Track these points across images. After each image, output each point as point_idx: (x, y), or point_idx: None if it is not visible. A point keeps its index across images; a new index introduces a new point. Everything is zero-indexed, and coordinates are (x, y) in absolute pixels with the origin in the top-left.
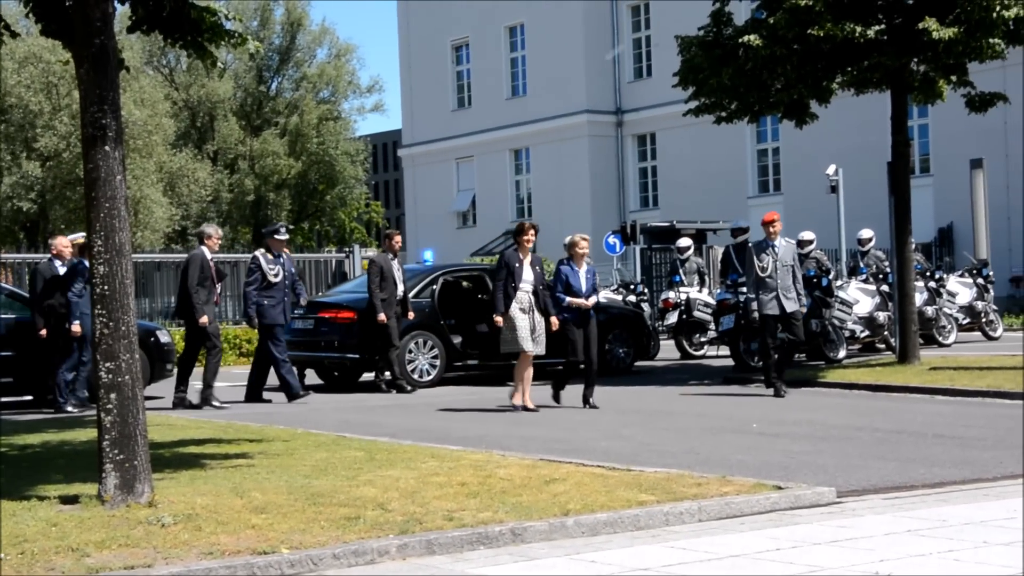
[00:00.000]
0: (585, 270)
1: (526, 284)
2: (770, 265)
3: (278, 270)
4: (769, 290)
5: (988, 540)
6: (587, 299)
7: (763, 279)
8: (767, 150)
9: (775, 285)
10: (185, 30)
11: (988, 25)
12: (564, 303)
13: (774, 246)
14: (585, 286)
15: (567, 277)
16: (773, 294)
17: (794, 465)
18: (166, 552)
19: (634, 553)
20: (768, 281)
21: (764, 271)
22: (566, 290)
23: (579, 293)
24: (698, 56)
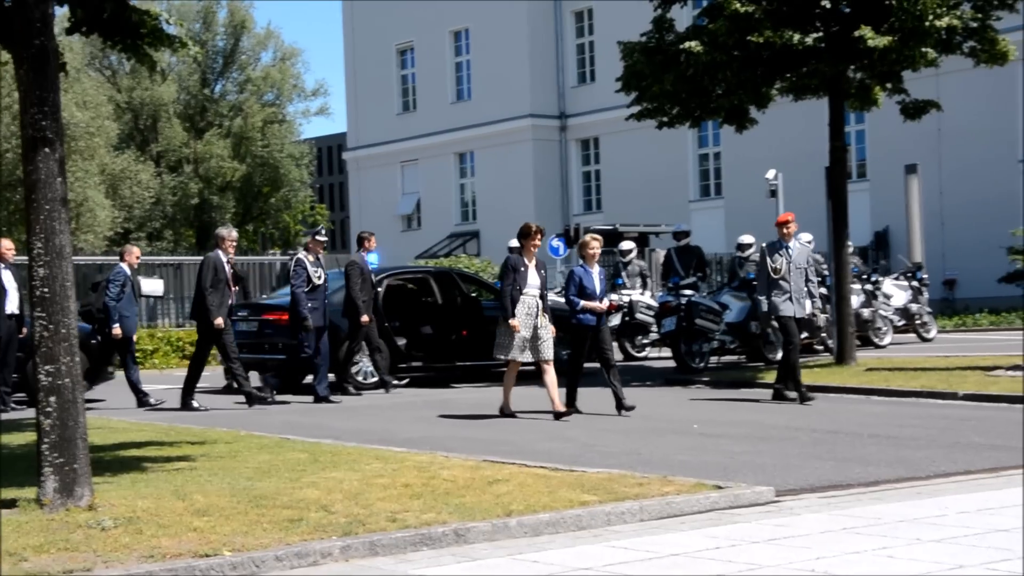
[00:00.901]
0: (598, 271)
1: (532, 288)
2: (783, 267)
3: (320, 272)
4: (783, 292)
5: (921, 537)
6: (600, 301)
7: (776, 281)
8: (708, 155)
9: (789, 288)
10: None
11: (921, 34)
12: (578, 306)
13: (788, 247)
14: (599, 288)
15: (581, 279)
16: (787, 296)
17: (734, 465)
18: (106, 556)
19: (576, 553)
20: (782, 283)
21: (777, 272)
22: (579, 292)
23: (593, 295)
24: (640, 62)
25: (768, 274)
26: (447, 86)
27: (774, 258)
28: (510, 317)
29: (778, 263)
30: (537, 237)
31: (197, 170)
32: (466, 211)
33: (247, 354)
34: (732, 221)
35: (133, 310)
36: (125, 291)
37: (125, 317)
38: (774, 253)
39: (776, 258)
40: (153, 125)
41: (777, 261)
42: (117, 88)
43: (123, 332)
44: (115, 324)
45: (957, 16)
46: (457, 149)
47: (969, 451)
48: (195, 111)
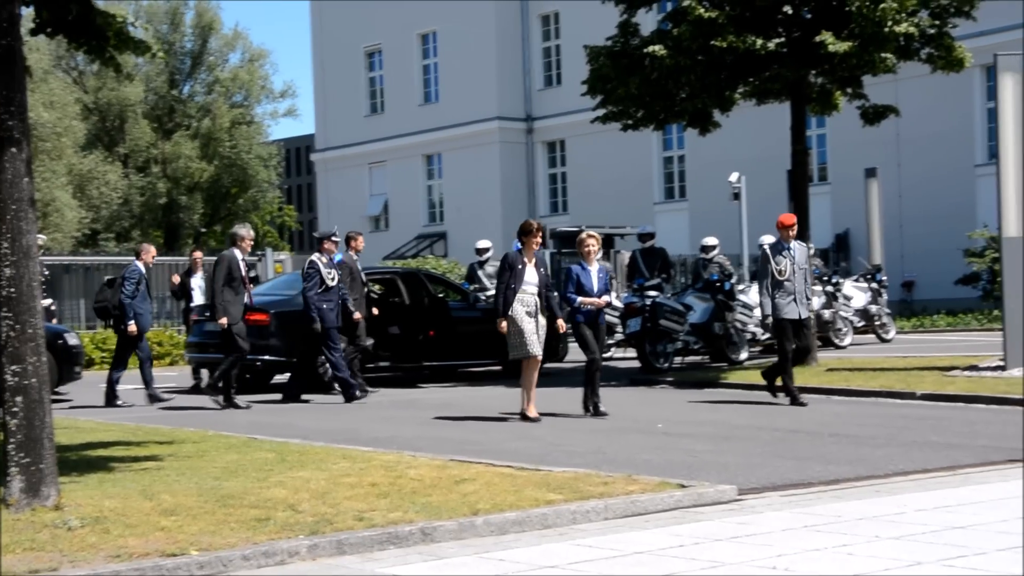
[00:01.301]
0: (596, 269)
1: (531, 286)
2: (787, 268)
3: (334, 273)
4: (787, 293)
5: (880, 535)
6: (599, 298)
7: (781, 282)
8: (673, 157)
9: (792, 289)
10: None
11: (880, 40)
12: (575, 304)
13: (790, 248)
14: (597, 285)
15: (578, 276)
16: (791, 297)
17: (697, 464)
18: (72, 555)
19: (542, 551)
20: (786, 284)
21: (782, 274)
22: (577, 290)
23: (591, 292)
24: (606, 65)
25: (772, 276)
26: (415, 88)
27: (777, 259)
28: (501, 316)
29: (782, 264)
30: (538, 235)
31: (165, 171)
32: (433, 212)
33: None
34: (696, 223)
35: (147, 307)
36: (140, 288)
37: (139, 314)
38: (777, 254)
39: (779, 259)
40: (120, 126)
41: (781, 263)
42: (84, 89)
43: (138, 328)
44: (131, 321)
45: (915, 23)
46: (425, 151)
47: (927, 450)
48: (163, 112)
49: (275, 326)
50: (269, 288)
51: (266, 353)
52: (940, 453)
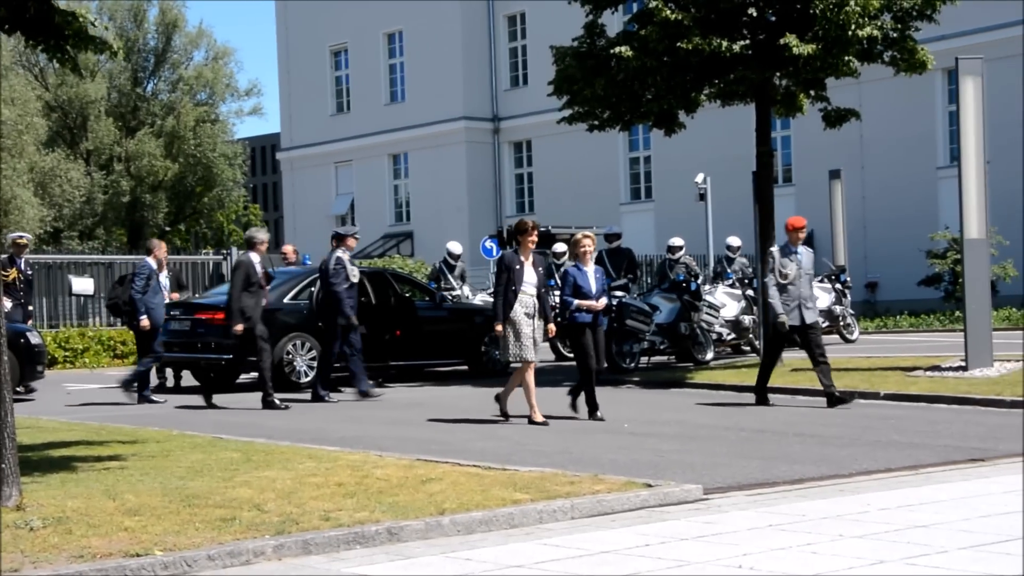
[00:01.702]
0: (593, 270)
1: (529, 287)
2: (793, 272)
3: (356, 271)
4: (791, 298)
5: (844, 533)
6: (597, 300)
7: (785, 286)
8: (639, 158)
9: (797, 294)
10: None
11: (844, 43)
12: (572, 306)
13: (797, 252)
14: (595, 287)
15: (575, 278)
16: (795, 303)
17: (663, 464)
18: (34, 556)
19: (508, 550)
20: (791, 289)
21: (787, 278)
22: (574, 292)
23: (588, 294)
24: (572, 66)
25: (777, 280)
26: (381, 88)
27: (784, 263)
28: (499, 320)
29: (788, 268)
30: (534, 233)
31: (129, 169)
32: (400, 212)
33: (180, 353)
34: (662, 223)
35: (159, 301)
36: (151, 284)
37: (151, 308)
38: (785, 258)
39: (787, 263)
40: (83, 123)
41: (788, 267)
42: (45, 86)
43: (151, 323)
44: (142, 316)
45: (878, 26)
46: (391, 150)
47: (890, 449)
48: (127, 110)
49: None
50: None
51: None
52: (903, 453)
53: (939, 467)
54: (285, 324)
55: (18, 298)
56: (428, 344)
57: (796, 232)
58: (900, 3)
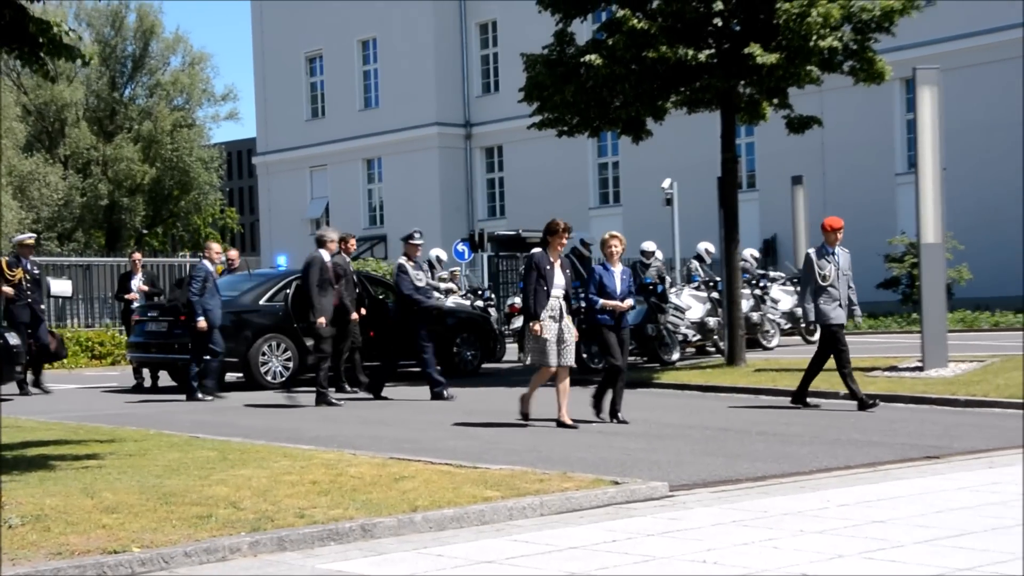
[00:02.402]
0: (620, 270)
1: (557, 289)
2: (832, 273)
3: (420, 275)
4: (832, 299)
5: (804, 529)
6: (622, 301)
7: (825, 287)
8: (607, 163)
9: (837, 295)
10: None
11: (806, 53)
12: (597, 306)
13: (834, 253)
14: (620, 287)
15: (601, 278)
16: (836, 303)
17: (630, 461)
18: (13, 553)
19: (479, 547)
20: (831, 290)
21: (826, 279)
22: (599, 291)
23: (613, 294)
24: (542, 73)
25: (816, 281)
26: (355, 94)
27: (822, 264)
28: (533, 320)
29: (827, 269)
30: (564, 235)
31: (106, 172)
32: (374, 215)
33: (157, 354)
34: (630, 227)
35: (216, 303)
36: (207, 286)
37: (208, 310)
38: (822, 259)
39: (824, 264)
40: (61, 128)
41: (826, 267)
42: (23, 91)
43: (208, 323)
44: (200, 317)
45: (839, 38)
46: (365, 155)
47: (849, 447)
48: (104, 114)
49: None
50: None
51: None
52: (861, 450)
53: (896, 464)
54: (261, 325)
55: (25, 298)
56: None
57: (834, 232)
58: (860, 15)
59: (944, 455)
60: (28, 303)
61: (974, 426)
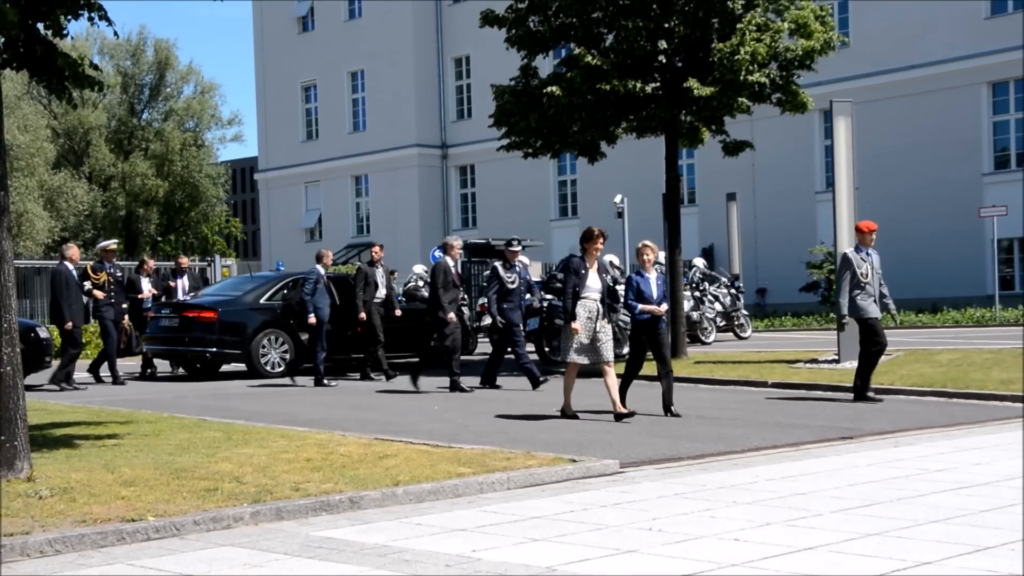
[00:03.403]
0: (655, 276)
1: (593, 292)
2: (867, 271)
3: (514, 278)
4: (868, 295)
5: (737, 500)
6: (659, 305)
7: (863, 285)
8: (566, 181)
9: (872, 291)
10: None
11: (738, 86)
12: (636, 310)
13: (869, 254)
14: (656, 292)
15: (638, 284)
16: (872, 299)
17: (586, 442)
18: (43, 521)
19: (453, 516)
20: (867, 287)
21: (864, 277)
22: (637, 297)
23: (650, 300)
24: (509, 102)
25: (856, 279)
26: (345, 118)
27: (859, 262)
28: (571, 320)
29: (863, 268)
30: (599, 241)
31: (124, 187)
32: (361, 225)
33: (168, 347)
34: None
35: (325, 302)
36: (318, 287)
37: (318, 308)
38: (859, 257)
39: (861, 263)
40: (85, 147)
41: (862, 266)
42: (53, 115)
43: (317, 319)
44: (311, 314)
45: (766, 73)
46: (353, 172)
47: (776, 429)
48: (124, 136)
49: (221, 322)
50: (217, 290)
51: (214, 346)
52: (787, 432)
53: (816, 444)
54: (261, 321)
55: (110, 298)
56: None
57: (868, 235)
58: (784, 55)
59: (856, 436)
60: (111, 303)
61: (882, 411)
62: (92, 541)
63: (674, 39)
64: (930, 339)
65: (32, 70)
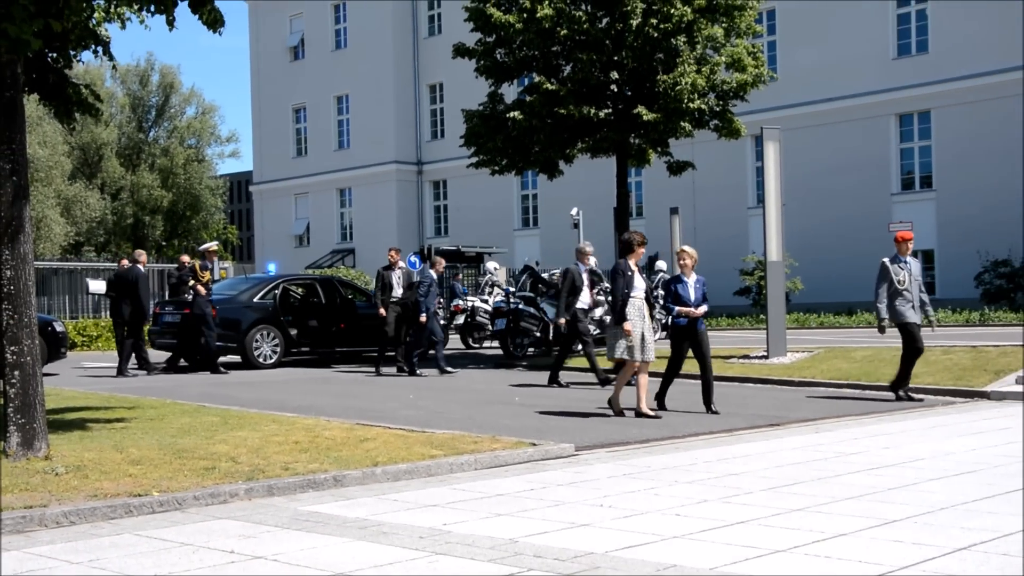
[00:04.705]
0: (694, 280)
1: (639, 291)
2: (905, 278)
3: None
4: (906, 301)
5: (678, 480)
6: (696, 307)
7: (901, 291)
8: (528, 195)
9: (910, 297)
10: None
11: (680, 113)
12: (674, 312)
13: (907, 262)
14: (694, 296)
15: (676, 289)
16: (910, 304)
17: (545, 428)
18: (59, 495)
19: (426, 493)
20: (905, 293)
21: (902, 284)
22: (675, 301)
23: (688, 302)
24: (478, 125)
25: (894, 287)
26: (331, 137)
27: (896, 270)
28: (623, 320)
29: (901, 275)
30: (641, 248)
31: (133, 196)
32: (344, 233)
33: (172, 339)
34: (545, 246)
35: (433, 303)
36: (431, 290)
37: (429, 307)
38: (896, 266)
39: (898, 271)
40: (98, 161)
41: (899, 274)
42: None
43: (427, 317)
44: (423, 313)
45: (705, 102)
46: (338, 186)
47: (712, 417)
48: (132, 151)
49: (219, 319)
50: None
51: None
52: (722, 420)
53: (747, 430)
54: (254, 318)
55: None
56: (366, 334)
57: (905, 243)
58: (721, 86)
59: (783, 423)
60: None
61: (805, 401)
62: (103, 513)
63: (624, 71)
64: (847, 338)
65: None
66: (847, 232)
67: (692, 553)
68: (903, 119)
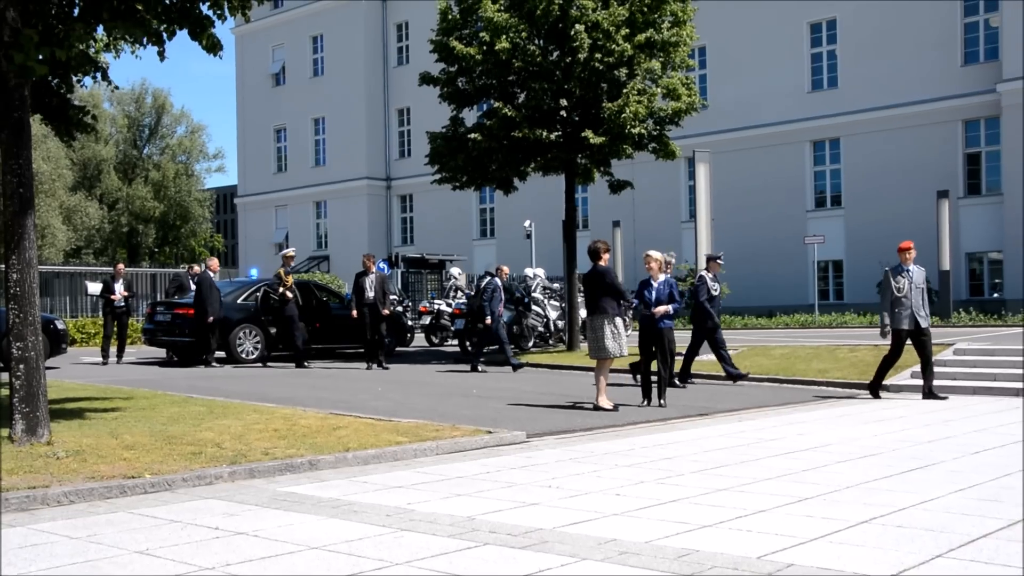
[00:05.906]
0: (660, 281)
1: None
2: (905, 287)
3: (716, 286)
4: (904, 308)
5: (618, 464)
6: (655, 307)
7: (899, 299)
8: (486, 208)
9: (910, 304)
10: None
11: (623, 137)
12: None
13: (908, 270)
14: (655, 296)
15: (643, 291)
16: (908, 311)
17: (500, 417)
18: (60, 477)
19: (393, 476)
20: (904, 300)
21: (900, 291)
22: (640, 301)
23: (650, 302)
24: (441, 145)
25: (894, 294)
26: (309, 155)
27: (897, 279)
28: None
29: (900, 284)
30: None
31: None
32: (320, 241)
33: (163, 337)
34: (501, 254)
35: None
36: (496, 295)
37: (494, 311)
38: (897, 276)
39: (899, 279)
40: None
41: (899, 282)
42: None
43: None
44: (488, 316)
45: (645, 128)
46: (315, 199)
47: (648, 408)
48: (128, 166)
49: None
50: None
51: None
52: (657, 410)
53: (679, 420)
54: (238, 318)
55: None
56: (339, 333)
57: (906, 253)
58: (659, 113)
59: (710, 413)
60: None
61: (729, 393)
62: (100, 494)
63: (573, 98)
64: (766, 337)
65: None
66: (768, 243)
67: (630, 528)
68: (816, 145)
